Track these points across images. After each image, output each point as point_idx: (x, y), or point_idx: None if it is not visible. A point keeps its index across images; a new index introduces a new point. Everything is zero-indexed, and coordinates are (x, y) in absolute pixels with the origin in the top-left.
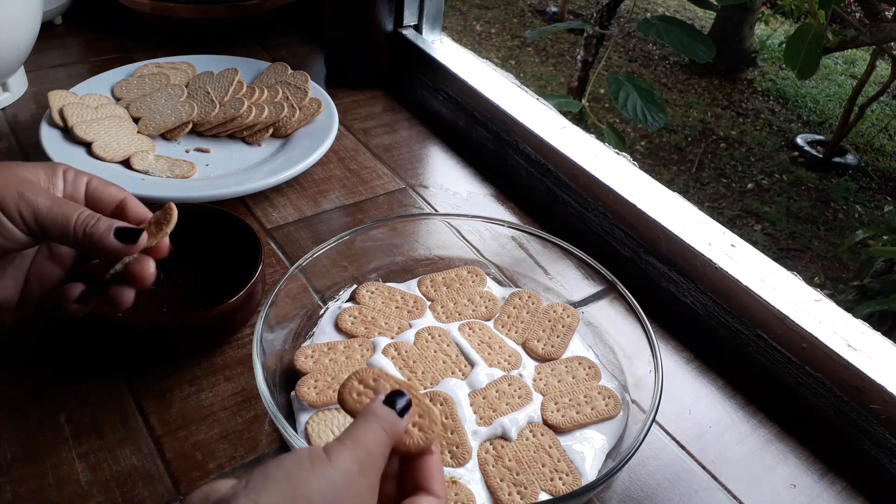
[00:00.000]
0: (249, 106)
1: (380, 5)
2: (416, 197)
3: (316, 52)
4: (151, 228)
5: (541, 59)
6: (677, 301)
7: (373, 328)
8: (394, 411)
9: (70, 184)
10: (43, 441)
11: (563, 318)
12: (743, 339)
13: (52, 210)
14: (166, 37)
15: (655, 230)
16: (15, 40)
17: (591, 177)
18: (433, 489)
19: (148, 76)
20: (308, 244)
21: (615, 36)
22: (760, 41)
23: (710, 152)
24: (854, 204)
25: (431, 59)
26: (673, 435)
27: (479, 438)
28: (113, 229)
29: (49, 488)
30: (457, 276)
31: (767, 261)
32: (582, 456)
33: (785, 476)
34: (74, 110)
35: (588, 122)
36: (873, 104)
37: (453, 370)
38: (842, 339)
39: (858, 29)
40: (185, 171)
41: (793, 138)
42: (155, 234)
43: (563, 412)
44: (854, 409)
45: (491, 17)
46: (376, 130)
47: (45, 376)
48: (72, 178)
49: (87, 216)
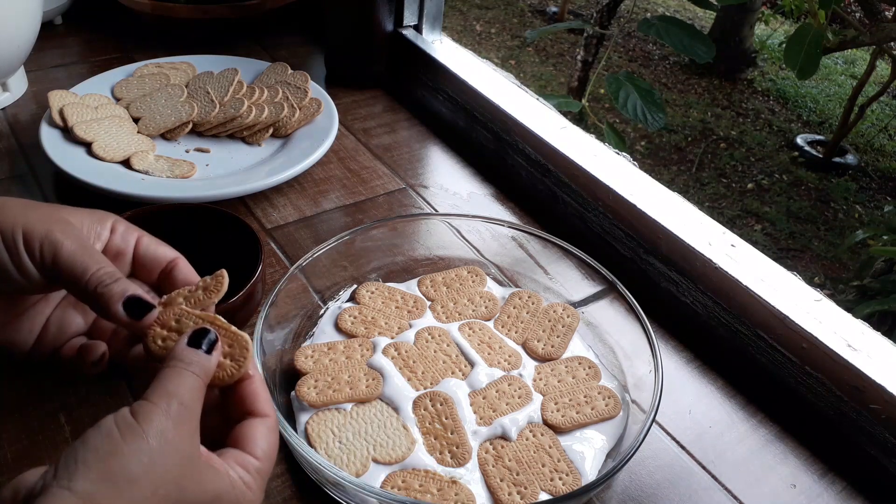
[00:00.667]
0: (249, 106)
1: (380, 5)
2: (416, 197)
3: (316, 52)
4: (198, 294)
5: (541, 59)
6: (677, 301)
7: (373, 328)
8: (200, 351)
9: (119, 236)
10: (43, 441)
11: (563, 318)
12: (743, 339)
13: (74, 256)
14: (166, 37)
15: (655, 230)
16: (15, 40)
17: (591, 177)
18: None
19: (148, 76)
20: (308, 244)
21: (615, 36)
22: (760, 41)
23: (710, 152)
24: (854, 204)
25: (431, 59)
26: (673, 435)
27: (479, 438)
28: (125, 297)
29: None
30: (457, 276)
31: (767, 261)
32: (582, 456)
33: (785, 476)
34: (74, 110)
35: (588, 122)
36: (873, 104)
37: (453, 370)
38: (842, 339)
39: (858, 29)
40: (185, 171)
41: (793, 138)
42: (201, 300)
43: (563, 412)
44: (854, 409)
45: (491, 17)
46: (376, 130)
47: (45, 376)
48: (122, 231)
49: (104, 274)
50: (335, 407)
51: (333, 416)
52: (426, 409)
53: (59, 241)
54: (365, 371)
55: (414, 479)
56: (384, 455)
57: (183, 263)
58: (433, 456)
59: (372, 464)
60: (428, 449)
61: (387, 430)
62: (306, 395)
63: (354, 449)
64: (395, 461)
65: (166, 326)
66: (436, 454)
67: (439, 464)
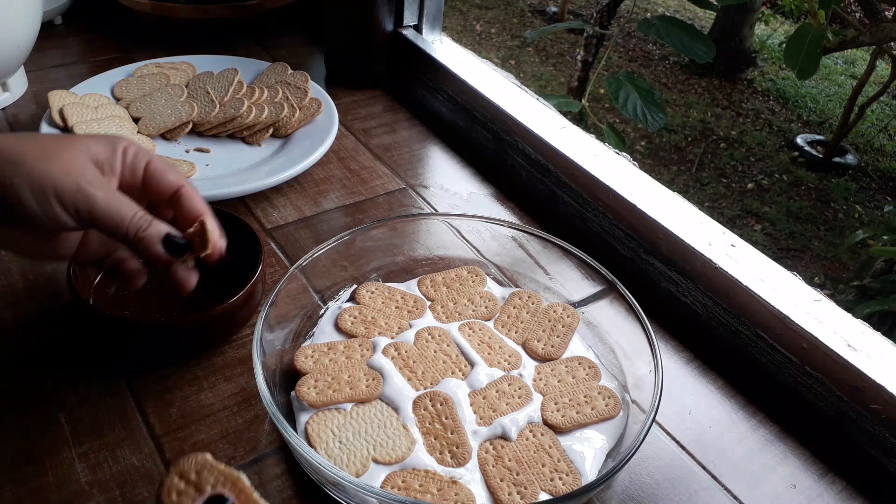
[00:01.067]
0: (249, 106)
1: (380, 5)
2: (416, 197)
3: (316, 52)
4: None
5: (541, 59)
6: (677, 301)
7: (373, 328)
8: None
9: (129, 164)
10: (43, 441)
11: (563, 318)
12: (743, 339)
13: (108, 207)
14: (166, 37)
15: (655, 230)
16: (15, 40)
17: (591, 177)
18: None
19: (148, 76)
20: (308, 244)
21: (615, 36)
22: (760, 41)
23: (710, 152)
24: (854, 204)
25: (431, 59)
26: (673, 435)
27: (479, 438)
28: (161, 238)
29: (49, 488)
30: (457, 276)
31: (767, 261)
32: (582, 456)
33: (785, 476)
34: (74, 110)
35: (588, 122)
36: (873, 104)
37: (453, 370)
38: (842, 339)
39: (858, 29)
40: (185, 171)
41: (793, 138)
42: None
43: (563, 412)
44: (854, 409)
45: (491, 17)
46: (376, 130)
47: (45, 376)
48: (131, 157)
49: (139, 219)
50: (335, 407)
51: (333, 416)
52: (426, 409)
53: (91, 195)
54: (365, 371)
55: (414, 479)
56: (384, 455)
57: (188, 190)
58: (433, 456)
59: (372, 464)
60: (428, 449)
61: (387, 430)
62: (306, 395)
63: (354, 449)
64: (395, 461)
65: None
66: (436, 454)
67: (439, 464)
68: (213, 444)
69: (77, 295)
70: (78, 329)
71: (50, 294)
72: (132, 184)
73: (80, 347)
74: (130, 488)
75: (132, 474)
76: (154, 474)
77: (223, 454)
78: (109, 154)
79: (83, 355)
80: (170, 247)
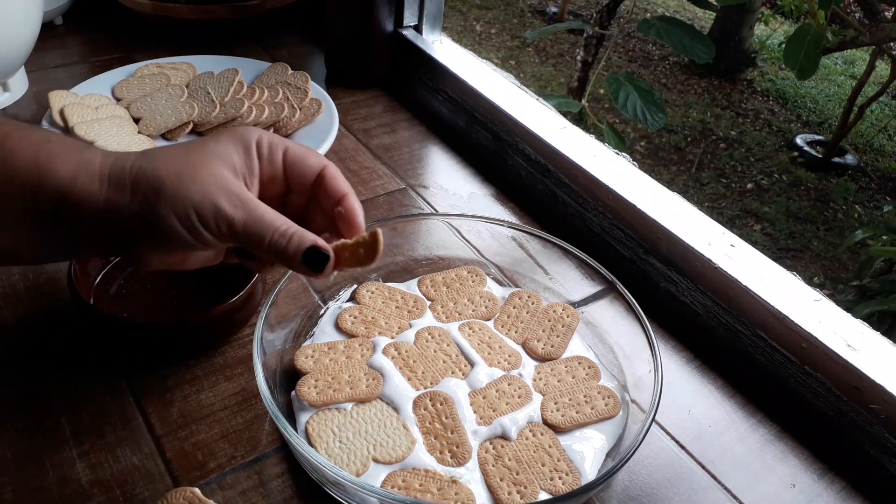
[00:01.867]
0: (250, 106)
1: (380, 6)
2: (416, 197)
3: (316, 52)
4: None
5: (541, 59)
6: (677, 301)
7: (373, 328)
8: None
9: (266, 159)
10: (43, 441)
11: (562, 317)
12: (743, 339)
13: (247, 227)
14: (167, 37)
15: (655, 230)
16: (15, 40)
17: (591, 177)
18: None
19: (148, 76)
20: None
21: (615, 36)
22: (760, 41)
23: (709, 152)
24: (854, 204)
25: (431, 60)
26: (673, 435)
27: (479, 438)
28: (301, 253)
29: (49, 488)
30: (457, 276)
31: (767, 261)
32: (582, 455)
33: (785, 476)
34: (75, 110)
35: (588, 122)
36: (873, 104)
37: (453, 370)
38: (841, 339)
39: (858, 29)
40: None
41: (792, 138)
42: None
43: (562, 412)
44: (854, 409)
45: (491, 17)
46: (376, 130)
47: (45, 376)
48: (266, 151)
49: (278, 237)
50: (335, 406)
51: (334, 416)
52: (426, 408)
53: (229, 218)
54: (365, 371)
55: (414, 478)
56: (384, 455)
57: (330, 172)
58: (433, 455)
59: (372, 463)
60: (428, 448)
61: (387, 429)
62: (307, 394)
63: (354, 448)
64: (395, 461)
65: None
66: (436, 454)
67: (439, 463)
68: (214, 443)
69: (77, 295)
70: (78, 329)
71: (50, 294)
72: (274, 176)
73: (80, 347)
74: (131, 488)
75: (133, 474)
76: (154, 474)
77: (223, 454)
78: (244, 157)
79: (83, 355)
80: (310, 261)
